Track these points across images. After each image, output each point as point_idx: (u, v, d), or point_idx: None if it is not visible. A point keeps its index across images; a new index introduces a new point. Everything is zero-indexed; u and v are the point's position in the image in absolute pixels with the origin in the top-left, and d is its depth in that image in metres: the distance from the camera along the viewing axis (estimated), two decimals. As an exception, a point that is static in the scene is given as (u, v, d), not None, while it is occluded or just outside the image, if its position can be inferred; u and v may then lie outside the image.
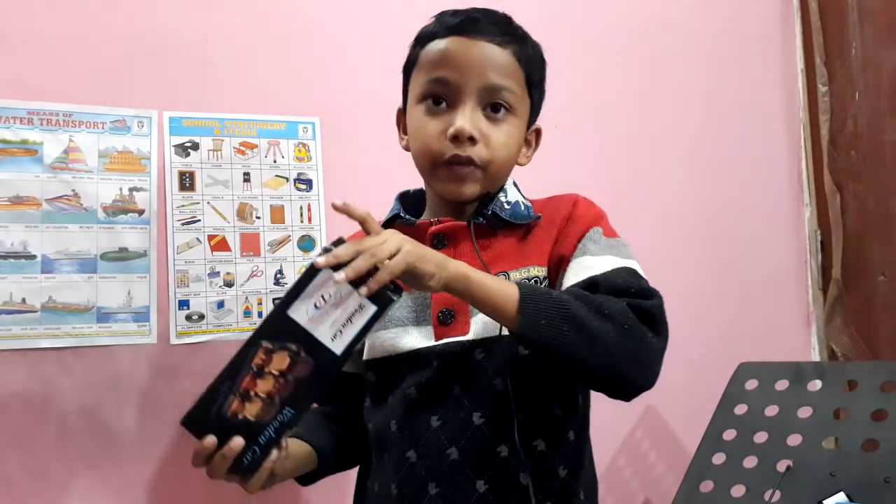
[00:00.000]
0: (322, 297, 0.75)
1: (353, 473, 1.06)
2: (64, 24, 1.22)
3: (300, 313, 0.75)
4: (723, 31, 1.71)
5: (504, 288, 0.81)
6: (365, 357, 0.97)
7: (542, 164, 1.53)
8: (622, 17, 1.62)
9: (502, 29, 0.92)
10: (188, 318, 1.25)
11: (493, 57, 0.90)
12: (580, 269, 0.89)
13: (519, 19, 0.99)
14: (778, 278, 1.73)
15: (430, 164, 0.92)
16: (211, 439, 0.76)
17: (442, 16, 0.95)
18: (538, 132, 1.02)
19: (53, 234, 1.18)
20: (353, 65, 1.39)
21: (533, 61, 0.95)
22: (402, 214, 0.97)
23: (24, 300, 1.16)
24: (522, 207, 0.97)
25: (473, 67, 0.89)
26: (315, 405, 0.97)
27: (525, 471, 0.87)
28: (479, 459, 0.88)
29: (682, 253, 1.63)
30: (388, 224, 0.97)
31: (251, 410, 0.76)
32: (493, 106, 0.91)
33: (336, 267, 0.74)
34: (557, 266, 0.93)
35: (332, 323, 0.75)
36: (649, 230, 1.61)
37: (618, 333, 0.80)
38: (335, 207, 0.79)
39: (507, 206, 0.95)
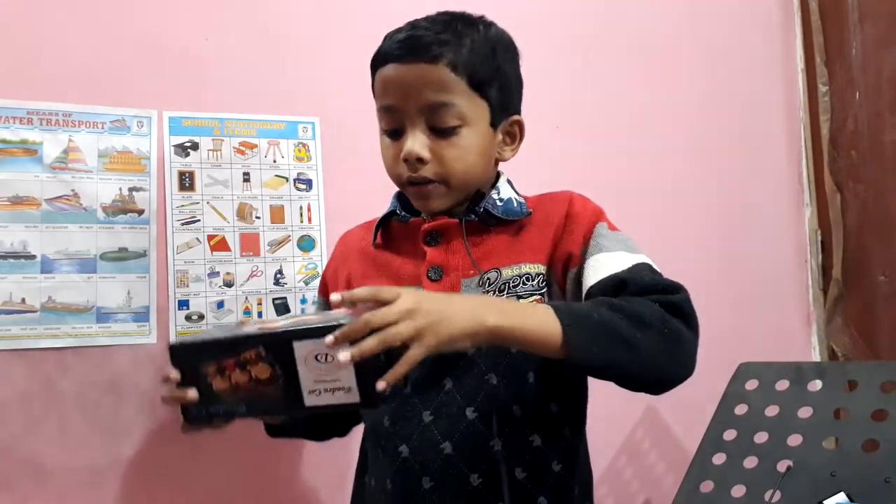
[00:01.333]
0: (327, 356, 0.75)
1: (352, 468, 1.06)
2: (64, 25, 1.22)
3: (301, 352, 0.76)
4: (723, 32, 1.71)
5: (543, 320, 0.79)
6: None
7: (543, 164, 1.53)
8: (622, 18, 1.62)
9: (433, 40, 0.90)
10: (188, 318, 1.25)
11: (425, 76, 0.90)
12: (599, 267, 0.90)
13: (519, 21, 0.99)
14: (778, 278, 1.73)
15: (399, 185, 0.97)
16: (175, 374, 0.80)
17: (386, 40, 0.95)
18: (519, 123, 0.99)
19: (53, 234, 1.18)
20: (353, 65, 1.38)
21: (473, 62, 0.91)
22: (398, 212, 0.99)
23: (23, 300, 1.16)
24: (515, 204, 0.97)
25: (410, 91, 0.90)
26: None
27: (520, 466, 0.88)
28: (472, 454, 0.88)
29: (683, 253, 1.63)
30: (384, 220, 1.01)
31: (218, 384, 0.79)
32: (437, 123, 0.91)
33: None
34: (565, 263, 0.93)
35: (318, 380, 0.76)
36: (649, 230, 1.60)
37: (659, 340, 0.81)
38: (335, 305, 0.78)
39: (499, 203, 0.96)
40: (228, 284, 1.28)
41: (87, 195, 1.21)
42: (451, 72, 0.90)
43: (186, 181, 1.27)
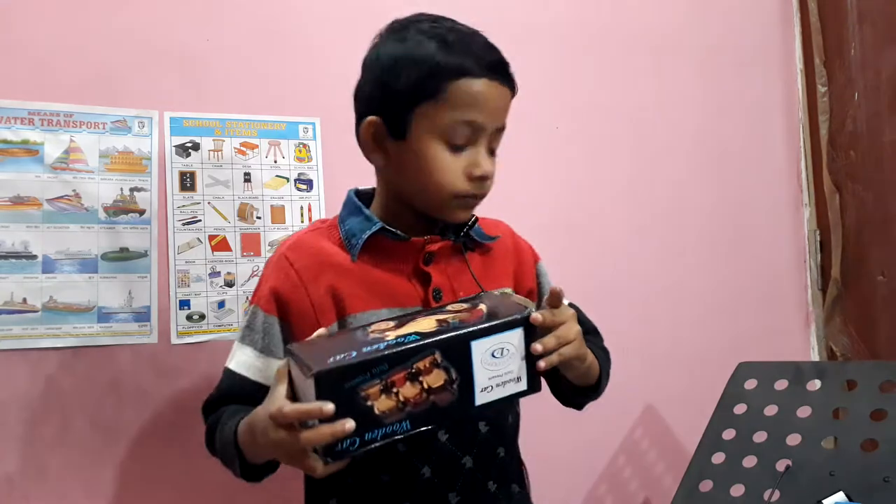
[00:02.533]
0: (504, 348, 0.75)
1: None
2: (65, 25, 1.22)
3: (479, 350, 0.75)
4: (722, 32, 1.72)
5: (594, 361, 0.93)
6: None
7: (543, 164, 1.54)
8: (622, 19, 1.62)
9: (508, 68, 0.93)
10: (189, 317, 1.25)
11: (507, 100, 0.93)
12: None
13: (519, 22, 0.99)
14: (777, 278, 1.73)
15: (446, 198, 0.91)
16: (331, 407, 0.69)
17: (469, 48, 0.90)
18: None
19: (54, 234, 1.19)
20: (353, 65, 1.38)
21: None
22: (390, 229, 0.92)
23: (24, 300, 1.16)
24: (478, 226, 0.99)
25: (497, 112, 0.91)
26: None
27: (520, 467, 1.00)
28: (487, 463, 0.93)
29: (682, 253, 1.63)
30: (372, 238, 0.92)
31: (382, 404, 0.72)
32: (496, 144, 0.94)
33: (529, 331, 0.78)
34: (527, 296, 1.00)
35: (493, 376, 0.76)
36: (649, 231, 1.61)
37: (608, 375, 1.00)
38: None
39: (477, 226, 0.98)
40: (229, 284, 1.28)
41: (89, 195, 1.21)
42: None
43: (187, 181, 1.27)
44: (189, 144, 1.28)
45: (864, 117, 1.64)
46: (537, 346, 0.77)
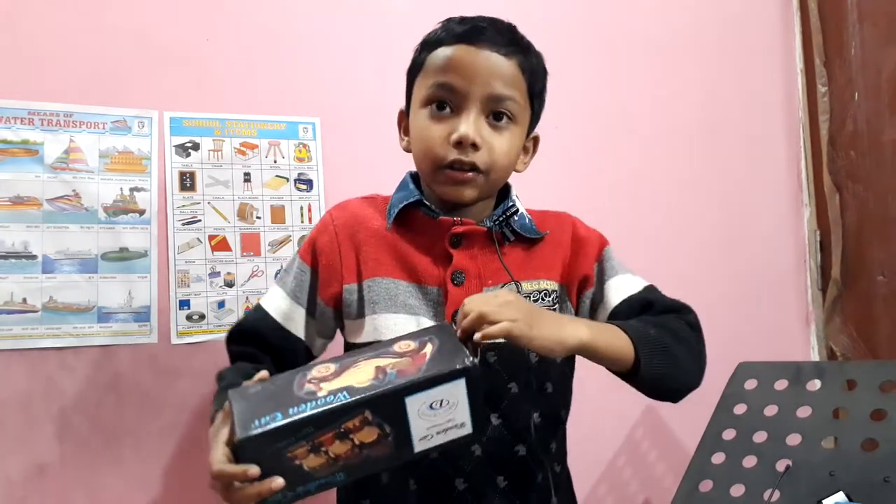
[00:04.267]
0: (442, 401, 0.72)
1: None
2: (65, 25, 1.22)
3: (415, 405, 0.72)
4: (722, 32, 1.72)
5: (621, 338, 0.87)
6: (367, 339, 0.95)
7: (544, 164, 1.53)
8: (622, 19, 1.62)
9: (507, 39, 0.93)
10: (189, 318, 1.25)
11: (499, 66, 0.92)
12: (620, 288, 0.98)
13: (523, 22, 0.99)
14: (777, 278, 1.73)
15: (433, 168, 0.93)
16: (254, 470, 0.71)
17: (449, 22, 0.95)
18: (536, 140, 1.04)
19: (54, 234, 1.19)
20: (353, 65, 1.39)
21: (536, 72, 0.96)
22: (426, 203, 0.96)
23: (24, 300, 1.16)
24: (527, 220, 0.99)
25: (479, 76, 0.91)
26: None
27: (542, 470, 0.95)
28: (500, 457, 0.92)
29: (683, 253, 1.63)
30: (407, 208, 0.96)
31: (312, 462, 0.72)
32: (495, 114, 0.93)
33: (472, 379, 0.74)
34: (580, 284, 0.99)
35: (432, 426, 0.73)
36: (650, 231, 1.61)
37: (691, 354, 0.92)
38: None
39: (516, 219, 0.98)
40: (229, 284, 1.28)
41: (89, 195, 1.21)
42: (519, 71, 0.93)
43: (187, 181, 1.27)
44: (189, 144, 1.28)
45: (865, 117, 1.64)
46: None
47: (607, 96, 1.60)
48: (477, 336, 0.76)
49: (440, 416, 0.73)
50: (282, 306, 0.98)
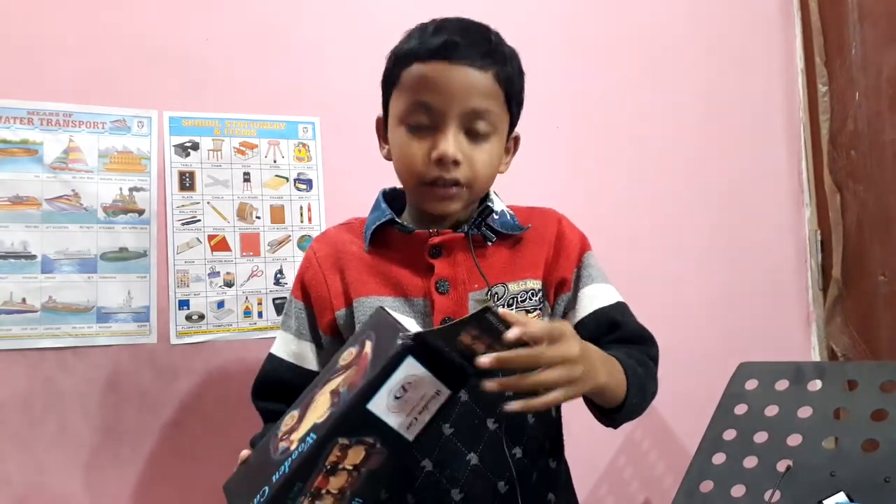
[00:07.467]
0: (403, 386, 0.70)
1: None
2: (64, 25, 1.22)
3: (379, 405, 0.70)
4: (723, 32, 1.71)
5: (620, 377, 0.87)
6: None
7: (544, 165, 1.53)
8: (622, 19, 1.62)
9: (482, 50, 0.91)
10: (188, 318, 1.25)
11: (475, 82, 0.90)
12: (592, 298, 0.98)
13: (524, 22, 0.99)
14: (778, 278, 1.73)
15: (416, 185, 0.93)
16: None
17: (422, 34, 0.93)
18: (517, 140, 1.03)
19: (53, 234, 1.19)
20: (353, 65, 1.39)
21: (512, 79, 0.95)
22: (398, 220, 0.96)
23: (24, 300, 1.16)
24: (509, 217, 0.99)
25: (456, 93, 0.89)
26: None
27: (538, 473, 0.94)
28: (496, 462, 0.91)
29: (683, 253, 1.63)
30: (382, 228, 0.96)
31: None
32: (474, 128, 0.92)
33: (420, 350, 0.70)
34: (558, 287, 0.98)
35: (409, 412, 0.71)
36: (650, 231, 1.61)
37: (653, 390, 0.95)
38: (508, 340, 0.70)
39: (496, 217, 0.97)
40: (229, 284, 1.28)
41: (88, 195, 1.21)
42: (496, 82, 0.92)
43: (187, 181, 1.27)
44: (188, 144, 1.28)
45: (865, 117, 1.64)
46: (492, 384, 0.71)
47: (607, 96, 1.60)
48: (522, 405, 0.73)
49: (412, 400, 0.70)
50: (291, 348, 0.99)
